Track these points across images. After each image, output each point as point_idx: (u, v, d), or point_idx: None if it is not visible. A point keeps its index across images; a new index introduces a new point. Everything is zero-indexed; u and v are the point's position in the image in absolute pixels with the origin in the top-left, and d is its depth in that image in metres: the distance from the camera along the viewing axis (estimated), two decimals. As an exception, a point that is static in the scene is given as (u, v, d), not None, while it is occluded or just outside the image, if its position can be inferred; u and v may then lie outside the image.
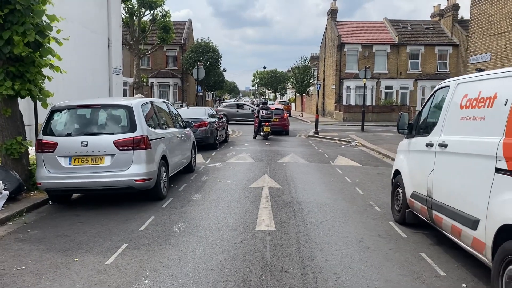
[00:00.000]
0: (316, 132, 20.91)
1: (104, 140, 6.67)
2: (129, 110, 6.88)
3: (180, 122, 9.67)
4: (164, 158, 7.55)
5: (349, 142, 17.99)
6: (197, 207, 6.83)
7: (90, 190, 6.83)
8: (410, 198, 5.60)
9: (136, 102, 7.10)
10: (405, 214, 5.84)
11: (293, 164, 11.47)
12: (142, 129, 6.85)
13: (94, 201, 7.33)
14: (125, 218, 6.28)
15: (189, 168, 10.07)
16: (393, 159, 13.58)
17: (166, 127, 8.31)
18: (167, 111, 8.87)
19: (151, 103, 7.87)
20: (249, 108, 31.45)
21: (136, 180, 6.68)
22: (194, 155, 10.54)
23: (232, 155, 13.11)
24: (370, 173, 10.48)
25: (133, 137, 6.71)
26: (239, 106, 31.92)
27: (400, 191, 6.06)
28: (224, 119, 19.70)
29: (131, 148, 6.68)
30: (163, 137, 7.65)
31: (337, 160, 12.37)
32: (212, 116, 15.86)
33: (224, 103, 35.55)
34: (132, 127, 6.79)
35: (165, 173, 7.58)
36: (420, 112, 5.90)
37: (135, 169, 6.68)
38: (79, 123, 6.99)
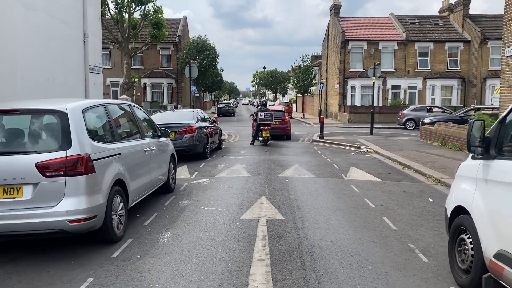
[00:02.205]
0: (321, 137, 18.75)
1: (22, 162, 4.52)
2: (61, 117, 4.74)
3: (153, 131, 7.54)
4: (119, 183, 5.41)
5: (359, 148, 15.83)
6: (161, 260, 4.66)
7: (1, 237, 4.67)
8: (494, 260, 3.45)
9: (75, 105, 4.95)
10: (481, 281, 3.68)
11: (298, 180, 9.32)
12: (81, 145, 4.71)
13: (23, 243, 5.19)
14: (49, 279, 4.14)
15: (166, 188, 7.93)
16: (416, 171, 11.42)
17: (127, 139, 6.16)
18: (132, 116, 6.70)
19: (104, 106, 5.70)
20: (443, 111, 26.54)
21: (70, 221, 4.53)
22: (173, 171, 8.40)
23: (224, 167, 10.95)
24: (394, 191, 8.33)
25: (66, 157, 4.57)
26: (429, 109, 26.65)
27: (468, 241, 3.91)
28: (218, 122, 17.57)
29: (62, 173, 4.54)
30: (119, 154, 5.49)
31: (350, 173, 10.21)
32: (203, 120, 13.72)
33: (412, 106, 28.64)
34: (66, 142, 4.64)
35: (121, 204, 5.43)
36: (503, 120, 3.74)
37: (69, 205, 4.54)
38: (-12, 137, 4.86)
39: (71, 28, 13.55)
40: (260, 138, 16.40)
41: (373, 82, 21.65)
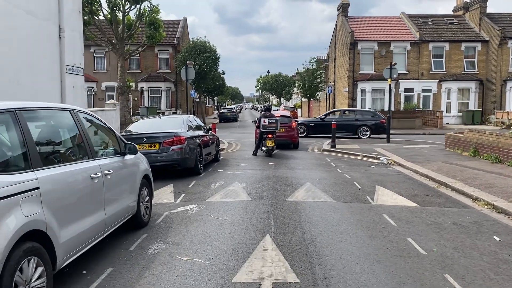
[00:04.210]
0: (333, 145, 16.63)
1: None
2: None
3: (115, 146, 5.48)
4: (36, 235, 3.34)
5: (379, 159, 13.71)
6: None
7: None
8: None
9: None
10: None
11: (313, 206, 7.21)
12: None
13: None
14: None
15: (136, 222, 5.86)
16: (457, 191, 8.22)
17: (60, 162, 4.09)
18: (75, 127, 4.59)
19: (14, 113, 3.59)
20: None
21: None
22: (147, 197, 6.32)
23: (219, 187, 8.87)
24: (442, 224, 6.21)
25: None
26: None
27: None
28: (217, 130, 15.50)
29: None
30: (36, 189, 3.43)
31: (378, 196, 8.09)
32: (197, 127, 11.66)
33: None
34: None
35: (40, 269, 3.35)
36: None
37: None
38: None
39: (41, 21, 11.55)
40: (263, 148, 14.35)
41: (389, 84, 19.58)
